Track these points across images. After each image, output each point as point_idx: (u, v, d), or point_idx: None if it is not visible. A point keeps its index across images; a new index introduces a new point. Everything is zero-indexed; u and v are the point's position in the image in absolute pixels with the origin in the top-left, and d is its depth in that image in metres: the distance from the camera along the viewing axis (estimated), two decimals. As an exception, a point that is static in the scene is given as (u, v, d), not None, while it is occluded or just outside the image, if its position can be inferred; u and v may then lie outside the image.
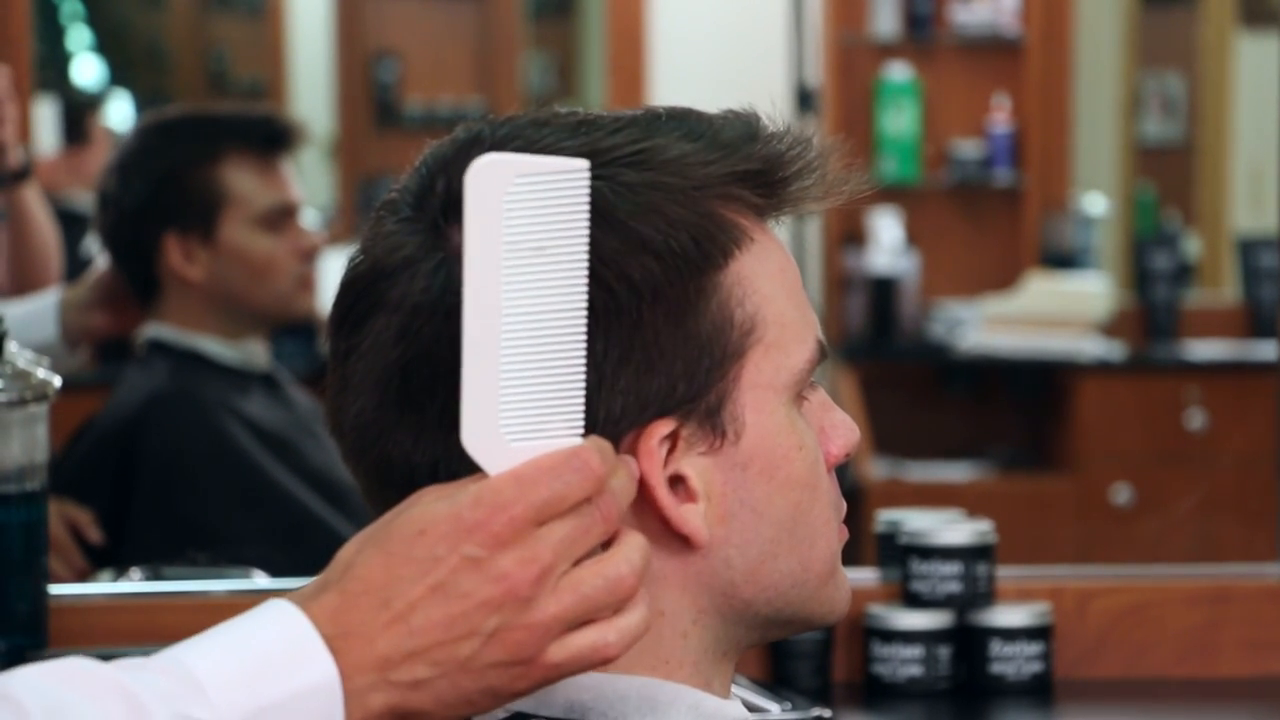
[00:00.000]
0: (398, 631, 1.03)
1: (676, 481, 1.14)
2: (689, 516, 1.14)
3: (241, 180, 2.83)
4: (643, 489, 1.12)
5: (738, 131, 1.17)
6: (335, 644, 1.03)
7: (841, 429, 1.20)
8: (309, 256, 2.88)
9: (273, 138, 2.88)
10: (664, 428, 1.13)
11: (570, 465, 1.05)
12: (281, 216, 2.85)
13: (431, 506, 1.05)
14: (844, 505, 1.21)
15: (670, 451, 1.13)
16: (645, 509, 1.13)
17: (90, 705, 0.99)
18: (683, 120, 1.17)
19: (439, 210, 1.14)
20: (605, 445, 1.07)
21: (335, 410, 1.17)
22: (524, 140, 1.15)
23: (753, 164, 1.16)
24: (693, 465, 1.14)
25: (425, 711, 1.04)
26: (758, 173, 1.16)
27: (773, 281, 1.16)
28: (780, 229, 1.20)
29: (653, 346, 1.12)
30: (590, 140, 1.15)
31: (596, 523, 1.06)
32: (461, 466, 1.10)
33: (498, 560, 1.03)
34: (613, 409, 1.12)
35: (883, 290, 5.70)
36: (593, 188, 1.11)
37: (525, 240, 1.05)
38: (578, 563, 1.05)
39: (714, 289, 1.14)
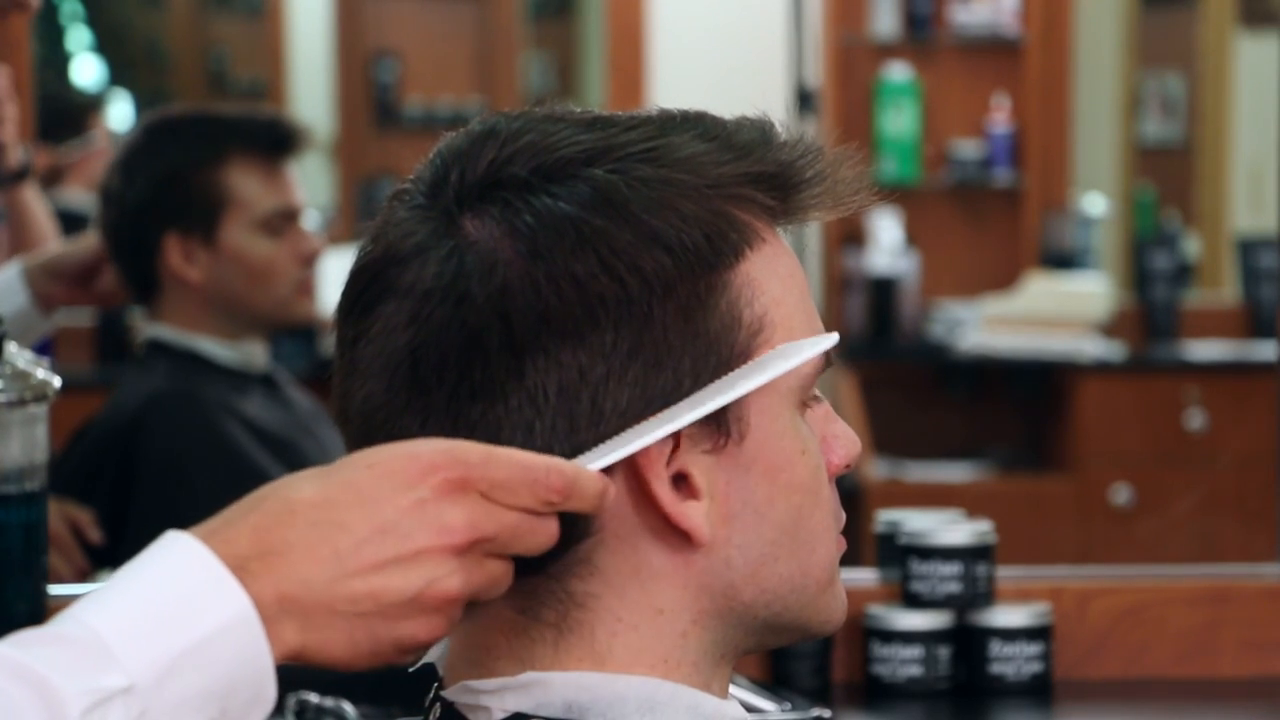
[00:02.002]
0: (328, 564, 1.01)
1: (679, 479, 1.14)
2: (690, 514, 1.14)
3: (245, 183, 2.83)
4: (645, 485, 1.13)
5: (752, 135, 1.17)
6: (253, 565, 0.99)
7: (843, 440, 1.20)
8: (309, 261, 2.88)
9: (278, 141, 2.87)
10: (668, 424, 1.13)
11: (538, 471, 1.05)
12: (283, 221, 2.85)
13: (385, 448, 1.04)
14: (843, 516, 1.21)
15: (674, 449, 1.14)
16: (647, 505, 1.13)
17: None
18: (697, 122, 1.18)
19: (453, 200, 1.14)
20: (589, 479, 1.07)
21: (342, 395, 1.17)
22: (537, 134, 1.15)
23: (767, 166, 1.16)
24: (696, 463, 1.14)
25: (333, 659, 1.02)
26: (771, 176, 1.16)
27: (782, 285, 1.17)
28: (784, 234, 1.21)
29: (661, 342, 1.12)
30: (605, 135, 1.15)
31: (534, 534, 1.06)
32: None
33: (444, 509, 1.03)
34: (619, 401, 1.12)
35: (882, 290, 5.70)
36: (607, 181, 1.11)
37: None
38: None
39: (724, 287, 1.14)
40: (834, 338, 1.15)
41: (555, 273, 1.11)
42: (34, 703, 0.95)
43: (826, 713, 2.10)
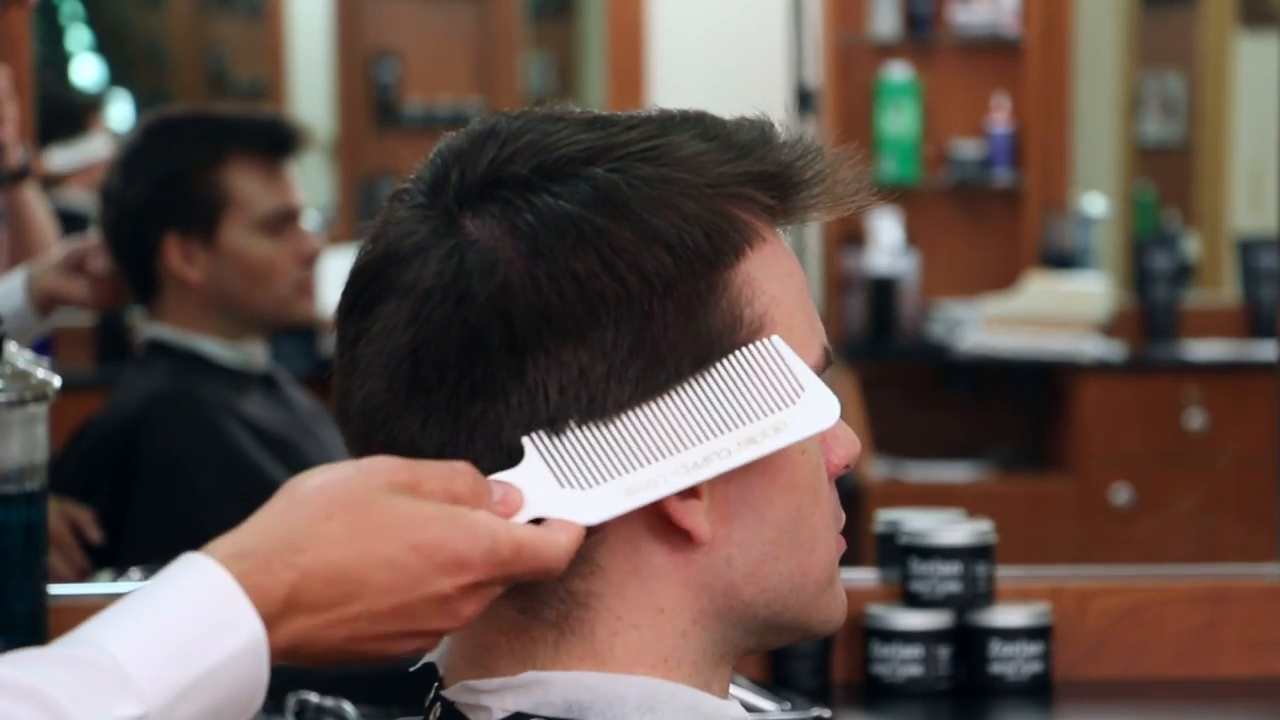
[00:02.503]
0: (344, 631, 1.05)
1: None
2: (691, 513, 1.14)
3: (245, 183, 2.83)
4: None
5: (752, 135, 1.17)
6: (279, 620, 1.03)
7: (844, 440, 1.20)
8: (309, 261, 2.87)
9: (278, 141, 2.87)
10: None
11: (551, 562, 1.09)
12: (283, 221, 2.85)
13: (426, 521, 1.06)
14: (843, 516, 1.21)
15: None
16: (648, 504, 1.13)
17: None
18: (697, 122, 1.18)
19: (453, 199, 1.15)
20: (576, 544, 1.10)
21: (342, 395, 1.17)
22: (537, 134, 1.15)
23: (767, 166, 1.16)
24: (696, 462, 1.14)
25: (307, 666, 1.08)
26: (771, 175, 1.17)
27: (782, 284, 1.17)
28: (783, 235, 1.21)
29: (662, 340, 1.12)
30: (605, 135, 1.15)
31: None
32: (466, 453, 1.10)
33: (461, 604, 1.07)
34: (620, 398, 1.12)
35: (882, 290, 5.70)
36: (608, 180, 1.12)
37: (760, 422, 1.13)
38: None
39: (724, 286, 1.14)
40: (836, 411, 1.15)
41: (556, 271, 1.11)
42: None
43: (826, 713, 2.10)
